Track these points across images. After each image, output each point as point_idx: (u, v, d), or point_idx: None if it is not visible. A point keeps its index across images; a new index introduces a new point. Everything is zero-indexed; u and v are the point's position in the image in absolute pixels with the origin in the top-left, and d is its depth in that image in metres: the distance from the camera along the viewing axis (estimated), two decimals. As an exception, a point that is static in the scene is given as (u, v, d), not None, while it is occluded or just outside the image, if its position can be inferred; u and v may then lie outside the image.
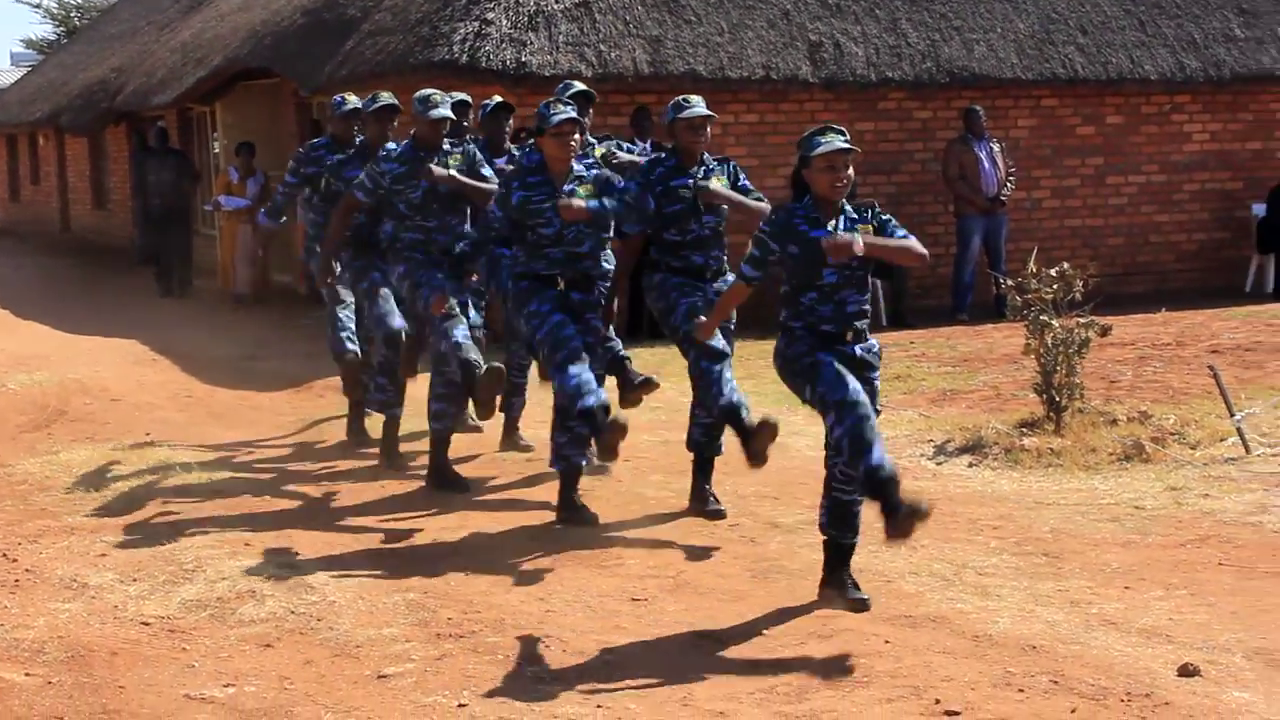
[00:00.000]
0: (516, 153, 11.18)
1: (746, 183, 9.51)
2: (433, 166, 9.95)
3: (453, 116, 10.44)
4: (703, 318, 8.52)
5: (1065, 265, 11.44)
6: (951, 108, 18.85)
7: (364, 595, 8.09)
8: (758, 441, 8.60)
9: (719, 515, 9.37)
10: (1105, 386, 12.80)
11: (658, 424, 11.61)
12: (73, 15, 53.56)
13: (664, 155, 9.43)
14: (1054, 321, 10.93)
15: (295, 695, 6.65)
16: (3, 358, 16.33)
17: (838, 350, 7.45)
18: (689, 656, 7.05)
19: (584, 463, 9.48)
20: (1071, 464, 10.46)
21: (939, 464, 10.63)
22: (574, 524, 9.22)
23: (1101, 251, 19.16)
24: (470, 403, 10.23)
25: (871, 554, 8.20)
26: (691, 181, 9.12)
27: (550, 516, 9.52)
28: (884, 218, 7.68)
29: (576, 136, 9.22)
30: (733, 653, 7.09)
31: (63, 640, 7.46)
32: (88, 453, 11.75)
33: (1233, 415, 10.71)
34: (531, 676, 6.81)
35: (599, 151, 10.76)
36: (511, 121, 11.56)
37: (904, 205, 17.79)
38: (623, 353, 10.06)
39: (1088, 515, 9.27)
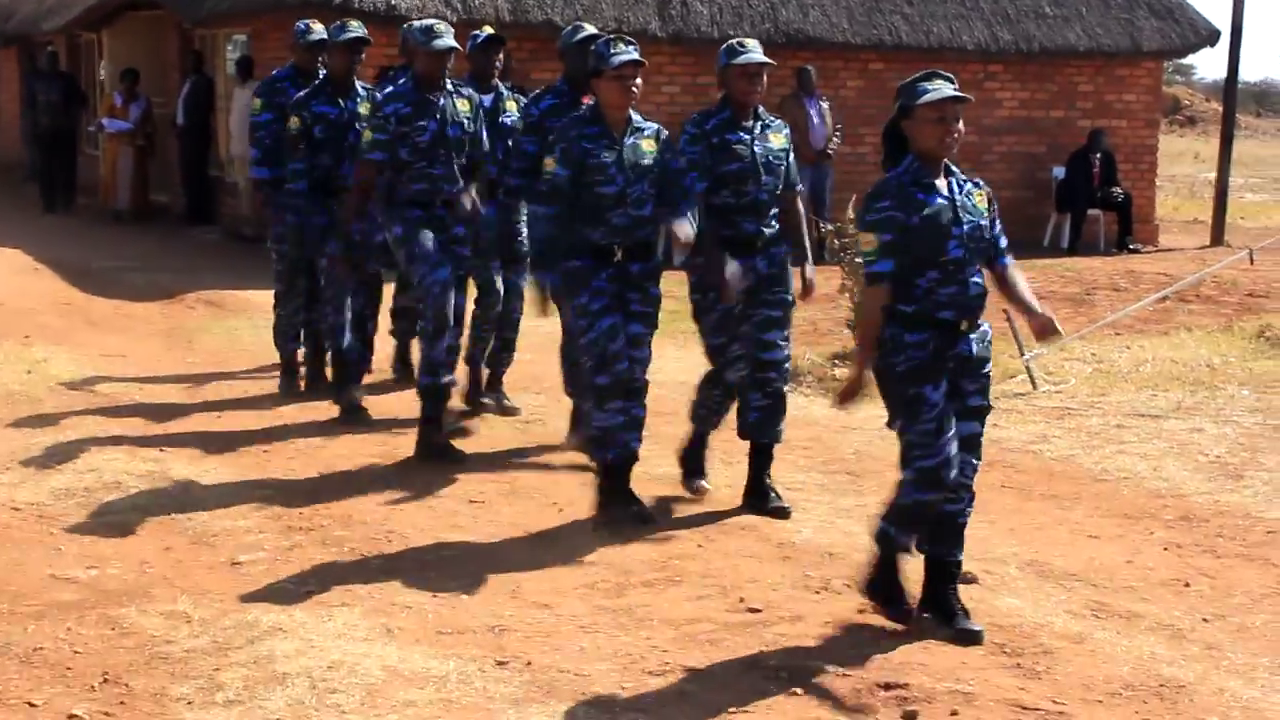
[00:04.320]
0: (505, 90, 9.69)
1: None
2: (464, 199, 8.62)
3: (459, 48, 8.73)
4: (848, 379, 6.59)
5: (826, 226, 11.68)
6: (786, 66, 18.84)
7: (222, 489, 8.07)
8: (772, 508, 7.66)
9: (784, 514, 7.76)
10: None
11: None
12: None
13: (716, 107, 7.72)
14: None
15: (154, 578, 6.66)
16: (-107, 265, 16.01)
17: (950, 354, 6.00)
18: (519, 554, 7.12)
19: (638, 445, 7.67)
20: (877, 397, 10.61)
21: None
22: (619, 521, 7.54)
23: None
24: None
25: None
26: (748, 136, 7.59)
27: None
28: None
29: (639, 81, 7.44)
30: (560, 552, 7.14)
31: (-63, 524, 7.43)
32: (-31, 352, 11.62)
33: (1022, 355, 10.94)
34: (373, 567, 6.85)
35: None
36: (502, 56, 9.78)
37: (740, 154, 17.89)
38: None
39: (888, 439, 9.29)
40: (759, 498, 7.87)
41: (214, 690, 5.47)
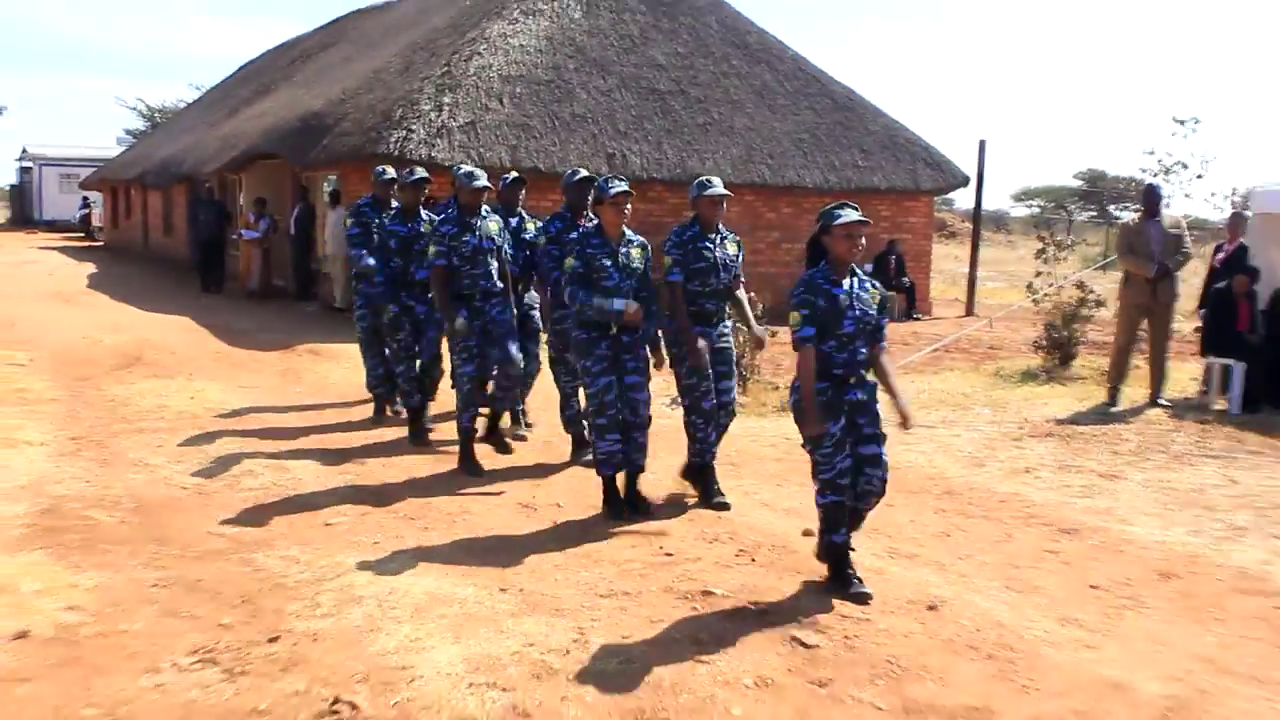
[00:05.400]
0: (526, 216, 9.25)
1: (742, 253, 7.61)
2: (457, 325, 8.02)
3: (491, 188, 8.38)
4: (805, 410, 5.68)
5: (752, 294, 11.65)
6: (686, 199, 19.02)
7: (320, 476, 8.07)
8: (715, 503, 7.28)
9: (725, 508, 7.35)
10: (772, 368, 13.06)
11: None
12: (155, 115, 52.84)
13: (690, 222, 7.37)
14: (742, 327, 11.10)
15: (274, 534, 6.69)
16: (105, 325, 15.84)
17: (844, 399, 5.76)
18: (516, 521, 7.15)
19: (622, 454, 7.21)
20: (750, 412, 10.65)
21: (672, 409, 10.70)
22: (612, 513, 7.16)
23: (777, 287, 19.05)
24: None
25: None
26: (712, 245, 7.29)
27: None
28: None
29: (629, 205, 7.19)
30: (540, 521, 7.18)
31: (132, 496, 7.40)
32: (153, 384, 11.48)
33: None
34: (419, 528, 6.87)
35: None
36: (524, 192, 9.34)
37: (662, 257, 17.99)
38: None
39: (757, 442, 9.47)
40: (709, 495, 7.48)
41: (314, 607, 5.50)
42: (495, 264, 8.36)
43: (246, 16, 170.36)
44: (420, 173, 9.51)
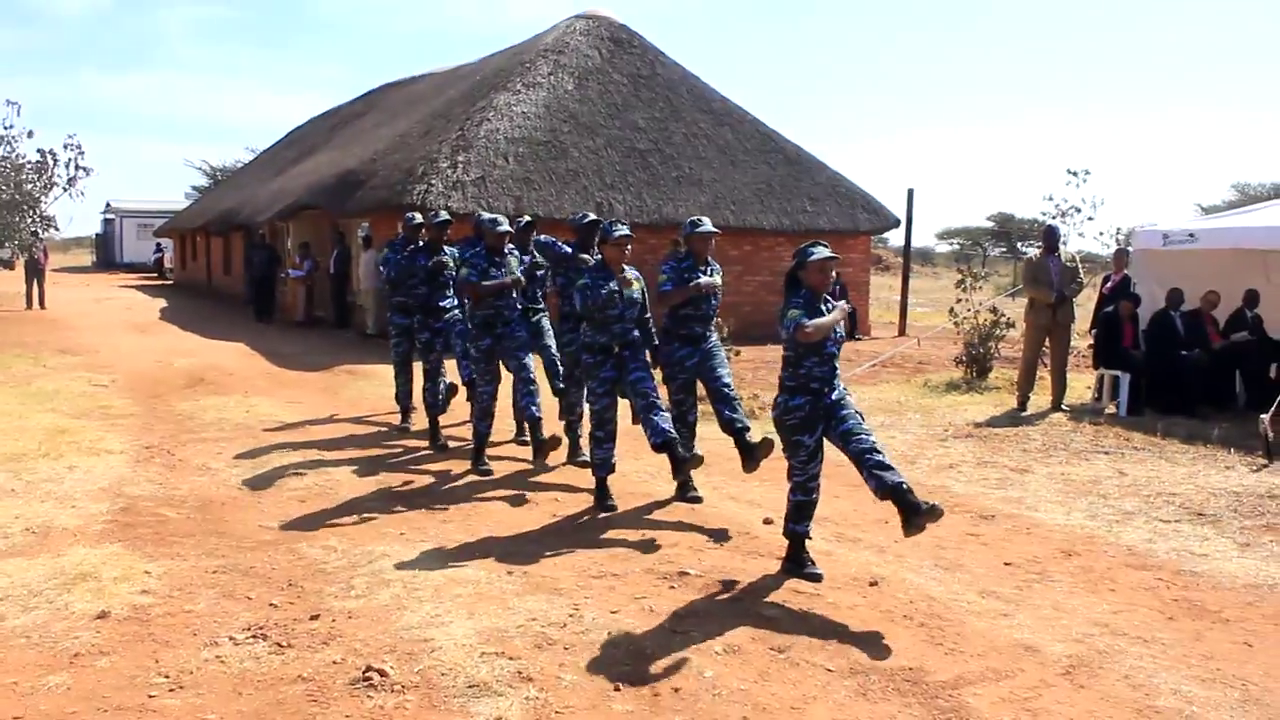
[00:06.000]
0: (537, 254, 8.84)
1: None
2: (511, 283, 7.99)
3: (512, 231, 8.30)
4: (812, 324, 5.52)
5: (718, 319, 11.64)
6: (666, 239, 18.97)
7: (355, 477, 7.98)
8: (689, 497, 7.27)
9: (698, 500, 7.37)
10: (738, 381, 12.97)
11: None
12: (217, 173, 52.78)
13: (684, 254, 7.23)
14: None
15: (316, 527, 6.61)
16: (174, 351, 15.75)
17: (820, 406, 5.61)
18: (521, 515, 7.06)
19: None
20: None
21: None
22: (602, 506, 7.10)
23: (740, 314, 19.17)
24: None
25: (630, 462, 7.90)
26: (702, 278, 7.12)
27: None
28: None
29: (630, 246, 7.04)
30: (544, 511, 7.09)
31: (196, 496, 7.32)
32: (215, 400, 11.39)
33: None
34: (438, 521, 6.78)
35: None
36: (536, 232, 9.01)
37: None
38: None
39: (727, 445, 9.31)
40: (684, 489, 7.43)
41: (349, 589, 5.44)
42: (515, 294, 8.27)
43: (292, 88, 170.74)
44: (444, 215, 9.47)
